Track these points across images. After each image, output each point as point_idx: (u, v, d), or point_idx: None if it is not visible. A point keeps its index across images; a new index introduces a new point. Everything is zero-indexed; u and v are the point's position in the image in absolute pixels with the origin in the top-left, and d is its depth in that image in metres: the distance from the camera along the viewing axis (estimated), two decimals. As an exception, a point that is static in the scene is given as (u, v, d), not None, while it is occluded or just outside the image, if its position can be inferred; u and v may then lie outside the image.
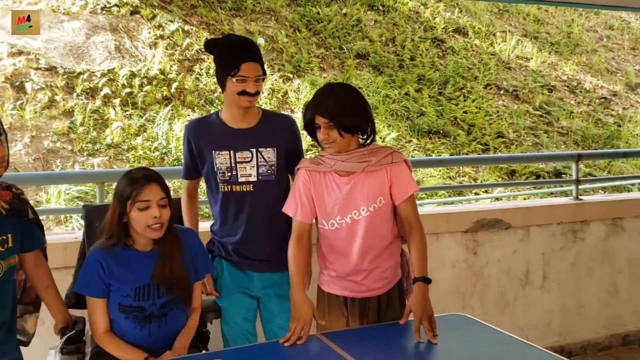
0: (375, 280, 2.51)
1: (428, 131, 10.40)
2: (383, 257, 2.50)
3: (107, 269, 2.25)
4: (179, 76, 9.29)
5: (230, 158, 2.56)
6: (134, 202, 2.20)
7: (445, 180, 9.41)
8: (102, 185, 3.34)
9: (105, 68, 8.93)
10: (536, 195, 8.75)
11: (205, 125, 2.63)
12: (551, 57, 13.48)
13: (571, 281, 4.30)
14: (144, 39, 9.68)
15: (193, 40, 9.99)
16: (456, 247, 3.94)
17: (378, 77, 11.12)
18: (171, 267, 2.27)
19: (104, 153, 7.92)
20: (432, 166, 9.06)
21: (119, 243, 2.26)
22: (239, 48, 2.51)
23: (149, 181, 2.24)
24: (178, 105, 8.92)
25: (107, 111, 8.39)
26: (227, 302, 2.65)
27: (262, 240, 2.60)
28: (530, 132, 11.28)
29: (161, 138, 8.33)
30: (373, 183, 2.41)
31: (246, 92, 2.48)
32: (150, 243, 2.30)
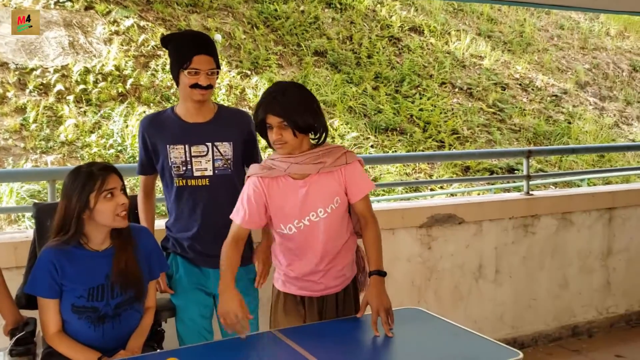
0: (333, 278, 2.50)
1: (385, 128, 10.49)
2: (340, 255, 2.49)
3: (60, 269, 2.19)
4: (134, 72, 9.15)
5: (185, 152, 2.54)
6: (99, 192, 2.16)
7: (402, 177, 9.51)
8: (53, 183, 3.26)
9: (58, 64, 8.74)
10: (490, 190, 8.91)
11: (160, 120, 2.61)
12: (504, 55, 13.73)
13: (523, 274, 4.38)
14: (98, 35, 9.50)
15: (149, 36, 9.85)
16: (411, 241, 3.97)
17: (336, 74, 11.16)
18: (126, 261, 2.24)
19: (58, 150, 7.76)
20: (389, 163, 9.15)
21: (72, 242, 2.22)
22: (191, 41, 2.51)
23: (108, 171, 2.21)
24: (134, 102, 8.79)
25: (60, 108, 8.21)
26: (182, 299, 2.62)
27: (218, 235, 2.55)
28: (484, 129, 11.48)
29: (116, 135, 8.21)
30: (329, 184, 2.37)
31: (198, 85, 2.47)
32: (107, 240, 2.26)
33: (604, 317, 4.75)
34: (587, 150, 10.36)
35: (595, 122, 12.67)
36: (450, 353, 2.14)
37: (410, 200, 6.58)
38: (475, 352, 2.15)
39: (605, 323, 4.75)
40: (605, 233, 4.67)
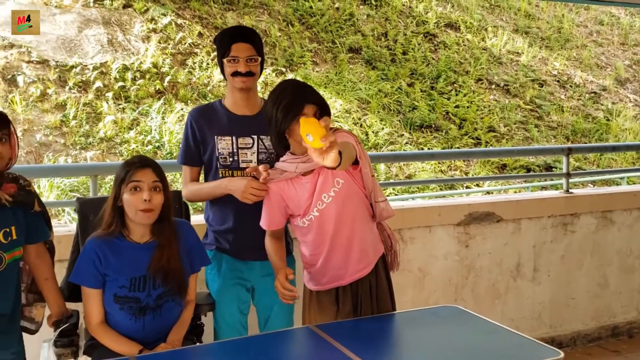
0: (356, 261, 2.49)
1: (420, 125, 10.42)
2: (357, 235, 2.48)
3: (103, 259, 2.24)
4: (171, 70, 9.25)
5: (232, 143, 2.58)
6: (126, 183, 2.20)
7: (437, 174, 9.43)
8: (95, 179, 3.32)
9: (97, 61, 8.88)
10: (527, 188, 8.79)
11: (209, 112, 2.65)
12: (542, 52, 13.50)
13: (561, 273, 4.32)
14: (136, 33, 9.62)
15: (186, 34, 9.95)
16: (448, 239, 3.94)
17: (371, 71, 11.11)
18: (168, 257, 2.27)
19: (97, 147, 7.89)
20: (424, 160, 9.09)
21: (116, 232, 2.26)
22: (231, 31, 2.61)
23: (143, 165, 2.25)
24: (171, 99, 8.89)
25: (99, 105, 8.35)
26: (223, 295, 2.64)
27: (259, 227, 2.59)
28: (521, 126, 11.32)
29: (154, 131, 8.30)
30: (327, 172, 2.38)
31: (238, 73, 2.52)
32: (148, 233, 2.29)
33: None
34: (628, 147, 10.14)
35: (635, 119, 12.38)
36: (489, 351, 2.12)
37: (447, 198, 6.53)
38: (515, 350, 2.12)
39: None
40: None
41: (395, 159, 8.18)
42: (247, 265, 2.65)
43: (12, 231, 2.17)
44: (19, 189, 2.20)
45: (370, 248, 2.54)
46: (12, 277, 2.22)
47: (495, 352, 2.11)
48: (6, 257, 2.15)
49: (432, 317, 2.31)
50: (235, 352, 2.14)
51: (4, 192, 2.14)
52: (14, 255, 2.19)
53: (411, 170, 9.39)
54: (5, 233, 2.14)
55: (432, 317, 2.31)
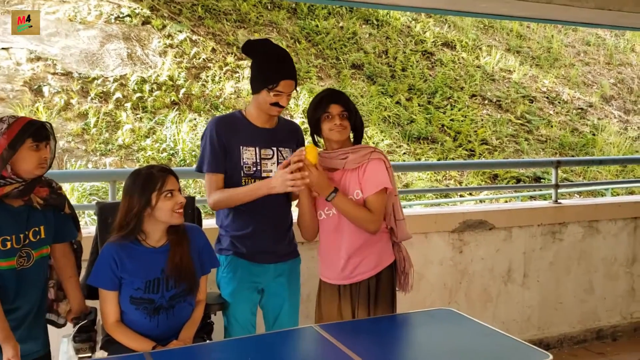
0: (358, 265, 2.55)
1: (417, 137, 10.41)
2: (365, 246, 2.54)
3: (119, 264, 2.23)
4: (186, 82, 9.27)
5: (256, 154, 2.58)
6: (160, 192, 2.21)
7: (432, 183, 9.42)
8: (114, 184, 3.32)
9: (117, 74, 8.90)
10: (517, 198, 8.76)
11: (233, 122, 2.63)
12: (532, 70, 13.50)
13: (550, 279, 4.30)
14: (154, 48, 9.65)
15: (200, 49, 9.97)
16: (444, 245, 3.93)
17: (372, 86, 11.12)
18: (181, 255, 2.27)
19: (116, 153, 7.90)
20: (420, 170, 9.08)
21: (132, 238, 2.25)
22: (281, 65, 2.54)
23: (167, 173, 2.26)
24: (185, 110, 8.90)
25: (119, 114, 8.36)
26: (236, 297, 2.62)
27: (275, 232, 2.64)
28: (512, 139, 11.30)
29: (169, 140, 8.31)
30: (351, 179, 2.51)
31: (279, 105, 2.53)
32: (164, 237, 2.29)
33: (628, 322, 4.62)
34: (614, 161, 10.11)
35: (619, 134, 12.36)
36: (481, 353, 2.10)
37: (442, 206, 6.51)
38: (505, 352, 2.11)
39: (629, 328, 4.62)
40: (630, 241, 4.55)
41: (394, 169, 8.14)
42: (262, 268, 2.64)
43: (41, 230, 2.20)
44: (51, 192, 2.24)
45: (375, 256, 2.57)
46: (40, 273, 2.25)
47: (487, 353, 2.09)
48: (34, 254, 2.18)
49: (428, 319, 2.30)
50: (243, 350, 2.13)
51: (37, 195, 2.18)
52: (42, 253, 2.22)
53: (408, 179, 9.38)
54: (34, 232, 2.18)
55: (428, 319, 2.30)
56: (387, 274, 2.61)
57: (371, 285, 2.57)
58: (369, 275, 2.57)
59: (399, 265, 2.65)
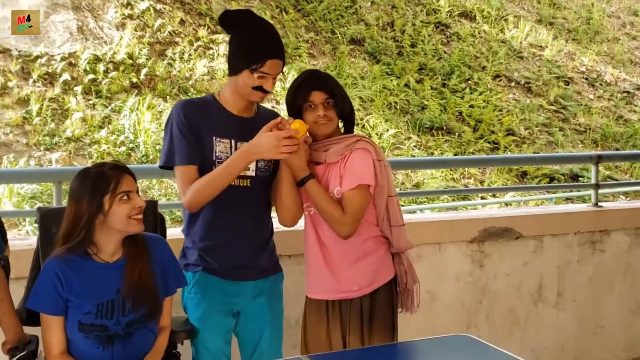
0: (347, 279, 2.57)
1: (430, 127, 10.43)
2: (351, 255, 2.57)
3: (65, 283, 2.21)
4: (149, 61, 9.25)
5: (231, 147, 2.56)
6: (114, 195, 2.19)
7: (448, 183, 9.44)
8: (59, 185, 3.30)
9: (65, 51, 8.88)
10: (550, 200, 8.80)
11: (204, 107, 2.60)
12: (568, 45, 13.55)
13: (589, 298, 4.31)
14: (110, 19, 9.63)
15: (166, 20, 9.96)
16: (460, 258, 3.93)
17: (374, 65, 11.13)
18: (140, 272, 2.26)
19: (64, 147, 7.88)
20: (434, 167, 9.08)
21: (80, 251, 2.24)
22: (267, 40, 2.53)
23: (122, 171, 2.25)
24: (148, 94, 8.88)
25: (67, 100, 8.34)
26: (208, 321, 2.60)
27: (252, 243, 2.62)
28: (544, 129, 11.34)
29: (128, 131, 8.30)
30: (331, 174, 2.55)
31: (262, 89, 2.51)
32: (119, 250, 2.28)
33: (683, 350, 4.65)
34: (666, 155, 10.15)
35: (674, 123, 12.43)
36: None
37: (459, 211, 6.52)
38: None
39: (684, 356, 4.65)
40: (686, 252, 4.57)
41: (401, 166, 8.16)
42: (238, 286, 2.63)
43: None
44: None
45: (368, 272, 2.58)
46: None
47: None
48: None
49: (440, 347, 2.30)
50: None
51: None
52: None
53: (419, 178, 9.39)
54: None
55: (440, 347, 2.30)
56: (385, 293, 2.61)
57: (364, 305, 2.57)
58: (362, 293, 2.57)
59: (400, 282, 2.66)
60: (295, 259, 3.20)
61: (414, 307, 2.70)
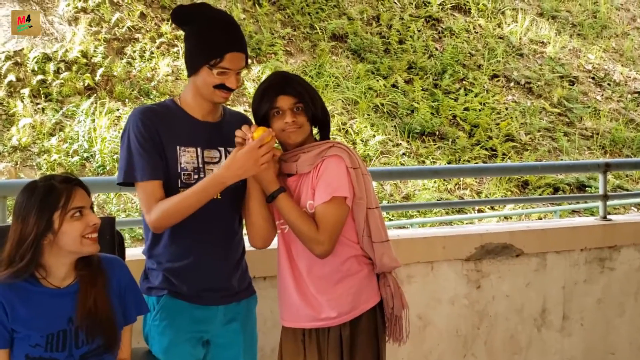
0: (326, 306, 2.56)
1: (421, 132, 10.47)
2: (326, 278, 2.57)
3: (10, 311, 2.19)
4: (105, 60, 9.23)
5: (198, 156, 2.55)
6: (65, 211, 2.17)
7: (442, 195, 9.47)
8: (4, 200, 3.27)
9: (10, 49, 8.83)
10: (554, 213, 8.85)
11: (164, 113, 2.58)
12: (572, 41, 13.68)
13: (598, 321, 4.33)
14: (61, 13, 9.60)
15: (124, 14, 9.94)
16: (455, 278, 3.93)
17: (359, 64, 11.17)
18: (94, 298, 2.24)
19: (9, 157, 7.82)
20: (425, 177, 9.12)
21: (26, 274, 2.22)
22: (225, 32, 2.53)
23: (75, 185, 2.22)
24: (104, 97, 8.86)
25: (12, 104, 8.29)
26: (174, 352, 2.59)
27: (226, 262, 2.61)
28: (547, 134, 11.43)
29: (82, 139, 8.26)
30: (303, 187, 2.56)
31: (225, 87, 2.50)
32: (71, 274, 2.26)
33: (702, 378, 4.69)
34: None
35: (689, 127, 12.58)
36: None
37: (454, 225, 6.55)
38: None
39: None
40: None
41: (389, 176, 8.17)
42: (208, 311, 2.61)
43: None
44: None
45: (347, 295, 2.58)
46: None
47: None
48: None
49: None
50: None
51: None
52: None
53: (409, 189, 9.42)
54: None
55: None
56: (368, 320, 2.60)
57: (344, 335, 2.56)
58: (341, 321, 2.56)
59: (385, 307, 2.65)
60: (270, 281, 3.19)
61: (403, 337, 2.69)
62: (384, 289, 2.65)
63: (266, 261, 2.98)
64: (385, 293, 2.65)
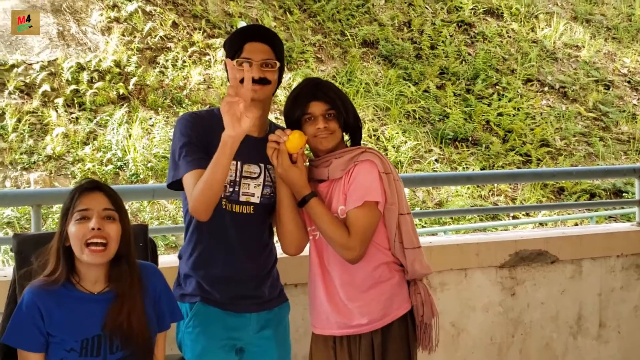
0: (357, 313, 2.58)
1: (453, 138, 10.44)
2: (364, 284, 2.58)
3: (46, 315, 2.22)
4: (138, 69, 9.31)
5: (237, 170, 2.58)
6: (72, 212, 2.21)
7: (475, 201, 9.42)
8: (38, 209, 3.31)
9: (45, 59, 8.94)
10: (590, 219, 8.76)
11: (209, 122, 2.61)
12: (607, 45, 13.56)
13: (635, 329, 4.29)
14: (94, 23, 9.71)
15: (157, 24, 10.03)
16: (489, 286, 3.92)
17: (390, 70, 11.17)
18: (129, 312, 2.24)
19: (43, 166, 7.91)
20: (458, 183, 9.06)
21: (62, 279, 2.24)
22: (245, 29, 2.68)
23: (92, 189, 2.24)
24: (137, 106, 8.94)
25: (47, 114, 8.39)
26: (208, 359, 2.61)
27: (257, 271, 2.65)
28: (583, 139, 11.33)
29: (115, 147, 8.33)
30: (335, 192, 2.58)
31: (251, 79, 2.47)
32: (102, 279, 2.28)
33: None
34: None
35: None
36: None
37: (488, 232, 6.51)
38: None
39: None
40: None
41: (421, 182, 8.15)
42: (242, 319, 2.63)
43: None
44: None
45: (378, 302, 2.59)
46: None
47: None
48: None
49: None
50: None
51: None
52: None
53: (442, 195, 9.38)
54: None
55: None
56: (399, 328, 2.60)
57: (376, 342, 2.57)
58: (373, 328, 2.57)
59: (416, 314, 2.65)
60: (302, 288, 3.20)
61: (434, 346, 2.69)
62: (414, 296, 2.66)
63: (298, 268, 3.00)
64: (416, 300, 2.65)
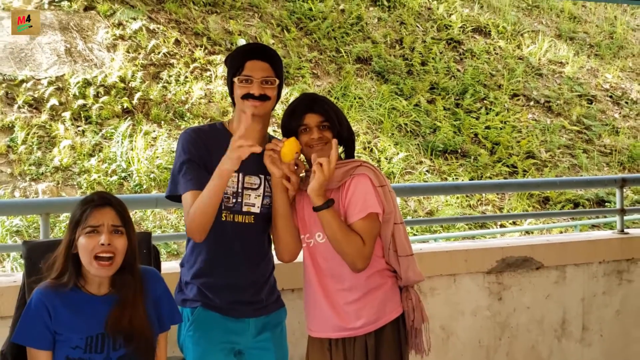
0: (352, 316, 2.59)
1: (443, 150, 10.45)
2: (358, 289, 2.59)
3: (53, 314, 2.22)
4: (142, 85, 9.32)
5: (239, 181, 2.60)
6: (83, 226, 2.22)
7: (464, 210, 9.43)
8: (46, 217, 3.31)
9: (53, 75, 8.96)
10: (574, 227, 8.77)
11: (212, 136, 2.64)
12: (590, 61, 13.60)
13: (617, 332, 4.28)
14: (100, 40, 9.73)
15: (160, 41, 10.05)
16: (477, 291, 3.92)
17: (382, 85, 11.19)
18: (130, 316, 2.25)
19: (51, 177, 7.92)
20: (448, 193, 9.09)
21: (69, 283, 2.25)
22: (246, 48, 2.70)
23: (103, 204, 2.25)
24: (141, 120, 8.94)
25: (55, 127, 8.40)
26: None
27: (256, 278, 2.66)
28: (567, 151, 11.35)
29: (120, 159, 8.34)
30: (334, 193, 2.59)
31: (250, 95, 2.54)
32: (106, 284, 2.29)
33: None
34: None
35: None
36: None
37: (476, 240, 6.52)
38: None
39: None
40: None
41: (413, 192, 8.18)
42: (241, 323, 2.64)
43: None
44: None
45: (372, 306, 2.60)
46: None
47: None
48: None
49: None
50: None
51: None
52: None
53: (433, 205, 9.39)
54: None
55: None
56: (392, 331, 2.62)
57: (369, 344, 2.58)
58: (366, 330, 2.58)
59: (407, 319, 2.66)
60: (298, 293, 3.20)
61: (425, 349, 2.70)
62: (406, 302, 2.67)
63: (293, 274, 3.00)
64: (407, 306, 2.67)
